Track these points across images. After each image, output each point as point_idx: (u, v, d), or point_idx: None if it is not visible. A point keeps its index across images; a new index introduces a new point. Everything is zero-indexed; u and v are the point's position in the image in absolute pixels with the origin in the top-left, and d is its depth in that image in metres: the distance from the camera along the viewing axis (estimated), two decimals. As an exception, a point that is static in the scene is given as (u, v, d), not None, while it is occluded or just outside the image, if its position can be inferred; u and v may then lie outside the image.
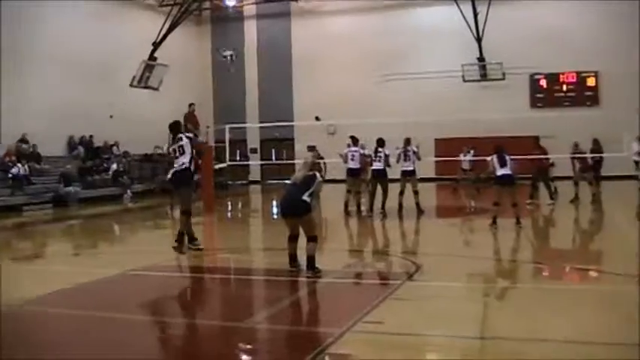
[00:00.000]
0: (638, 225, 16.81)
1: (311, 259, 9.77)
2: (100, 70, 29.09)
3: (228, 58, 25.10)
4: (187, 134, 12.00)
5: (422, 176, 20.08)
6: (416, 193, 18.29)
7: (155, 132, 29.48)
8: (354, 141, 19.26)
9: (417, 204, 18.23)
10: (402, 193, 18.28)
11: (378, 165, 18.19)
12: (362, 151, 19.17)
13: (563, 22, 31.39)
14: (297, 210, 9.94)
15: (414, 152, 18.35)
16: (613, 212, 18.62)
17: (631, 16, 30.43)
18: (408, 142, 18.55)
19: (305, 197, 9.87)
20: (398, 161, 18.36)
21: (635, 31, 30.21)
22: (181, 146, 11.59)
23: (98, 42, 29.01)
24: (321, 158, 16.56)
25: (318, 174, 10.29)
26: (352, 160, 18.78)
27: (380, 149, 18.18)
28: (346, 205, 18.90)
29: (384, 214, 17.84)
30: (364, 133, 20.18)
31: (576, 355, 6.22)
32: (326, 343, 6.58)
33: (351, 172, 18.89)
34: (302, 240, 10.04)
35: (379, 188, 18.15)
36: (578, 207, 19.52)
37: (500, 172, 14.90)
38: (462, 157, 26.53)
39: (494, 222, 14.71)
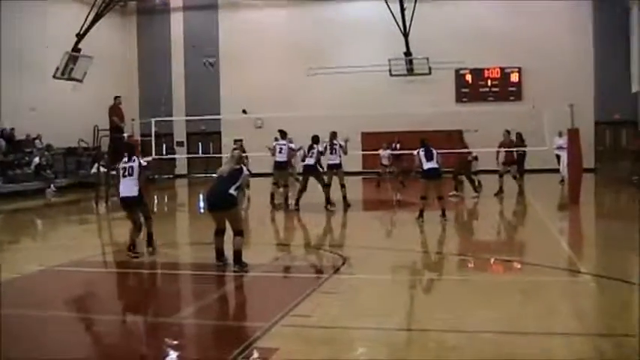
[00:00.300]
0: (559, 216, 17.32)
1: (238, 254, 9.75)
2: (21, 62, 28.27)
3: (208, 63, 24.87)
4: (141, 160, 11.86)
5: (349, 170, 20.18)
6: (343, 186, 18.34)
7: (79, 125, 28.90)
8: (282, 134, 19.28)
9: (344, 197, 18.31)
10: (328, 186, 18.33)
11: (309, 161, 18.29)
12: (290, 145, 19.27)
13: (488, 19, 31.92)
14: (224, 204, 9.89)
15: (341, 146, 18.38)
16: (535, 205, 19.04)
17: (550, 15, 31.30)
18: (334, 135, 18.57)
19: (232, 191, 9.83)
20: (324, 154, 18.42)
21: (554, 29, 31.11)
22: (131, 167, 11.48)
23: (20, 32, 28.21)
24: (244, 152, 16.55)
25: (245, 168, 10.28)
26: (280, 153, 18.80)
27: (314, 146, 18.26)
28: (272, 197, 18.92)
29: (332, 205, 18.04)
30: (291, 127, 20.22)
31: (500, 344, 6.36)
32: (254, 337, 6.57)
33: (278, 164, 18.94)
34: (229, 234, 10.00)
35: (317, 184, 18.27)
36: (502, 200, 19.93)
37: (427, 165, 14.97)
38: (381, 152, 26.59)
39: (420, 215, 14.86)
